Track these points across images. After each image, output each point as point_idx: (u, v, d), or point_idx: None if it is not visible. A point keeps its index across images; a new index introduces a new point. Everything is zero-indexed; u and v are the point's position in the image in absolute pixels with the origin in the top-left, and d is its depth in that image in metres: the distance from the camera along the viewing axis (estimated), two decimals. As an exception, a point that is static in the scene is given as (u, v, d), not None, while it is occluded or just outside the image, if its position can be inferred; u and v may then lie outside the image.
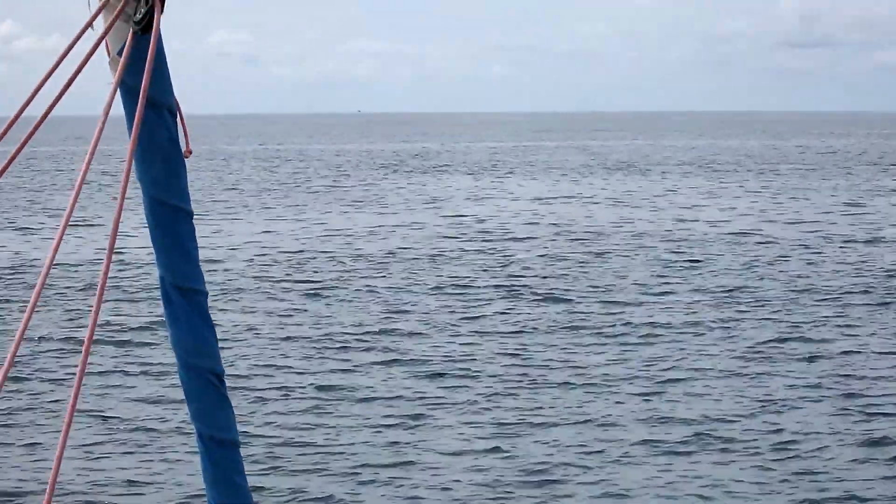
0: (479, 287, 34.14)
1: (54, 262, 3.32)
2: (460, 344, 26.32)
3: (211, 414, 3.75)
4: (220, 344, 3.83)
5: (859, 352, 25.62)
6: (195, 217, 3.70)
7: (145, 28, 3.39)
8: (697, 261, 39.89)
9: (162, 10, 3.38)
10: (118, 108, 3.47)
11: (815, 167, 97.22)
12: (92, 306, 3.49)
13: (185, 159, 3.63)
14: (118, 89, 3.47)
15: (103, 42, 3.43)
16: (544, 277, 36.02)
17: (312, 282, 35.15)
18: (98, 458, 18.18)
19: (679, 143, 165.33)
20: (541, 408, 21.23)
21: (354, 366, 24.18)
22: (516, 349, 25.88)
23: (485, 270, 37.62)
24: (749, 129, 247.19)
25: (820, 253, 41.77)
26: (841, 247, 43.38)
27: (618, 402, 21.66)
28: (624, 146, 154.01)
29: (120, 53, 3.43)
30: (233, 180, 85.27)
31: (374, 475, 17.45)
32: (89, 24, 3.37)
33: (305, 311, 30.39)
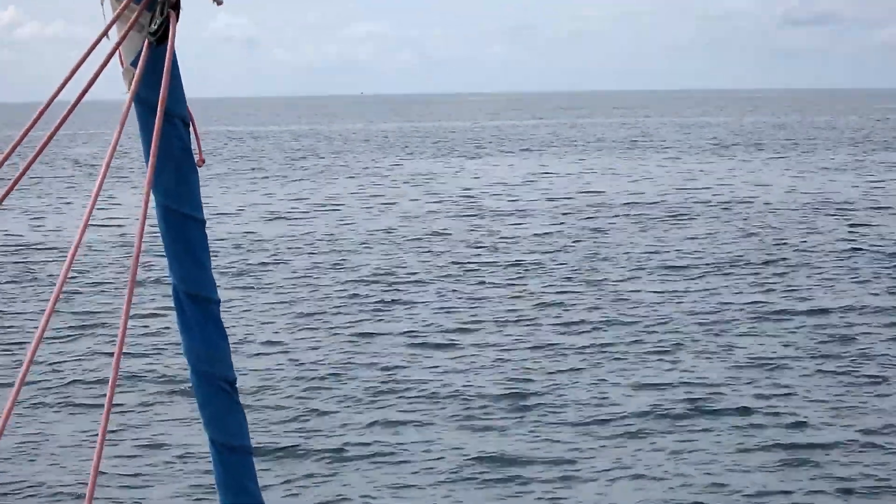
0: (487, 264, 34.20)
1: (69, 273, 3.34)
2: (476, 338, 26.32)
3: (223, 420, 3.77)
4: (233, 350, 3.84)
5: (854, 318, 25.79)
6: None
7: (160, 39, 3.39)
8: (696, 232, 40.54)
9: (177, 21, 3.37)
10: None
11: (815, 142, 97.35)
12: (120, 310, 3.46)
13: (198, 168, 3.65)
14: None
15: (117, 52, 3.43)
16: (544, 252, 36.07)
17: (321, 267, 35.18)
18: (111, 463, 18.08)
19: (669, 120, 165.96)
20: (540, 380, 21.33)
21: (366, 366, 23.76)
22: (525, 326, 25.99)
23: (494, 249, 37.67)
24: (749, 106, 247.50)
25: (815, 223, 42.10)
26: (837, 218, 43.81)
27: (611, 371, 21.81)
28: (623, 123, 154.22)
29: (134, 64, 3.43)
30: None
31: (387, 478, 17.38)
32: (104, 35, 3.37)
33: (313, 305, 30.32)
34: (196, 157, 3.63)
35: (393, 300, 29.72)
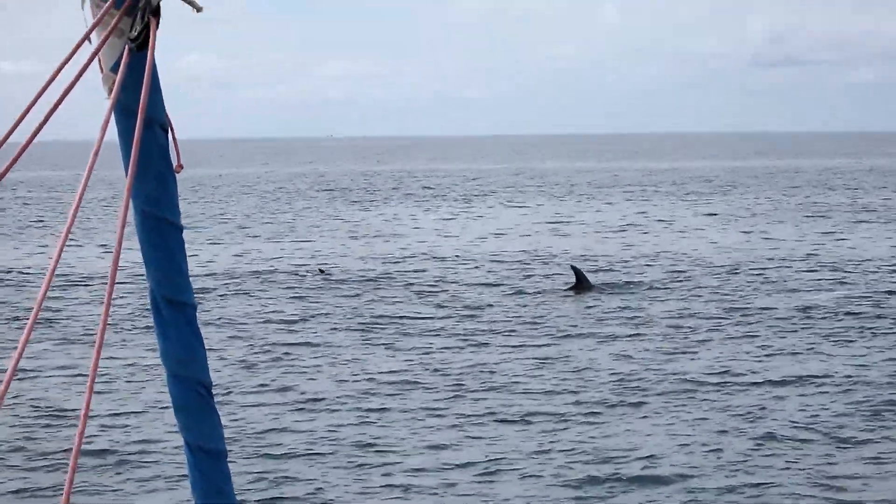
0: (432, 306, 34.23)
1: (54, 278, 3.37)
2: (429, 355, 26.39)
3: (199, 424, 3.80)
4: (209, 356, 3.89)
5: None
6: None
7: (141, 45, 3.43)
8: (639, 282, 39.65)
9: (157, 27, 3.42)
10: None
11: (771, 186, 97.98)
12: (99, 319, 3.52)
13: (177, 174, 3.69)
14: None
15: (97, 58, 3.47)
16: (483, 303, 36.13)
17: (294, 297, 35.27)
18: (89, 467, 18.41)
19: (637, 165, 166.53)
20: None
21: (334, 376, 24.72)
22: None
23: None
24: (723, 150, 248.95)
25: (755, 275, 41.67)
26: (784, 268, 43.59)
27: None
28: (588, 168, 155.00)
29: (114, 70, 3.47)
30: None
31: (357, 481, 17.66)
32: (85, 39, 3.41)
33: (285, 327, 30.62)
34: (175, 164, 3.67)
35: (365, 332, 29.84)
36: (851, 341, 28.65)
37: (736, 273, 41.31)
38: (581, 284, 36.70)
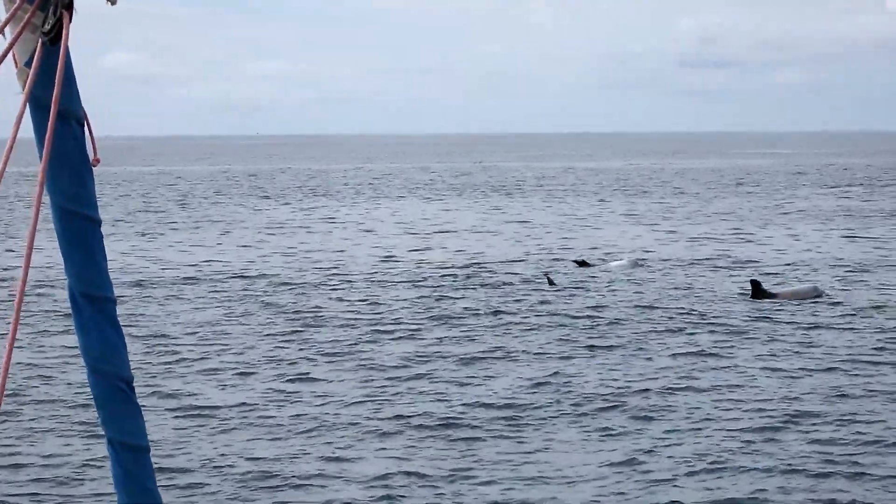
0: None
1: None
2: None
3: (120, 420, 3.78)
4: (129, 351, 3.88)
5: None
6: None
7: (54, 39, 3.42)
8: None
9: (70, 21, 3.41)
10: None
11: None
12: (10, 316, 3.50)
13: (93, 168, 3.67)
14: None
15: (11, 53, 3.45)
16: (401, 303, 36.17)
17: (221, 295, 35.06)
18: (9, 462, 18.34)
19: (557, 164, 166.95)
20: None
21: (257, 378, 24.65)
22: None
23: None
24: (648, 150, 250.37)
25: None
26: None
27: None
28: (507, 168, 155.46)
29: (28, 65, 3.45)
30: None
31: (278, 484, 17.65)
32: (-3, 34, 3.40)
33: (210, 323, 30.56)
34: (91, 157, 3.66)
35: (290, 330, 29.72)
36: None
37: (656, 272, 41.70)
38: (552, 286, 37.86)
